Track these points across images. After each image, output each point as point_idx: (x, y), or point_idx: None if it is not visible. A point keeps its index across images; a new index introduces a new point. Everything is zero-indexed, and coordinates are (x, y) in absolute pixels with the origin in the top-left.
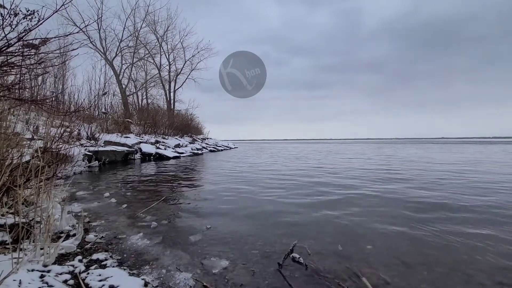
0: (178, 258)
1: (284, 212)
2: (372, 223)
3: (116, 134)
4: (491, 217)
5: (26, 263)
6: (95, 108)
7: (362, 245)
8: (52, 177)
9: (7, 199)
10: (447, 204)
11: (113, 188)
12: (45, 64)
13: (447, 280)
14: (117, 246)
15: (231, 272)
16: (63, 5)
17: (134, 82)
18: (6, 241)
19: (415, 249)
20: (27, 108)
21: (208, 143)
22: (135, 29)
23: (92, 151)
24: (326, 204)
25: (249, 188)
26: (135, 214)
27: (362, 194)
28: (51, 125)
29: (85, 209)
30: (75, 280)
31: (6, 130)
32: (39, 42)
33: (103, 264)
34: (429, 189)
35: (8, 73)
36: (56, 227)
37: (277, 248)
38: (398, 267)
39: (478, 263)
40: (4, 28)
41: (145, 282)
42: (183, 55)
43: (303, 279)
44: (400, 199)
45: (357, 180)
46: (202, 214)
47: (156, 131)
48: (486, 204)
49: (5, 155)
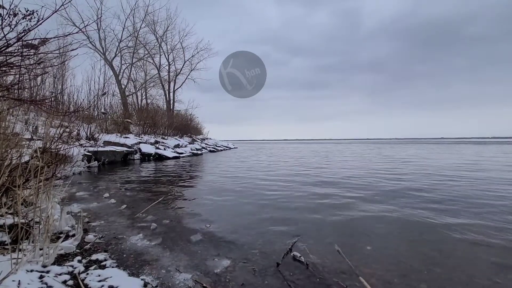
0: (177, 259)
1: (284, 212)
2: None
3: (115, 135)
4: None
5: (25, 264)
6: (95, 108)
7: (361, 245)
8: (52, 178)
9: (6, 200)
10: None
11: (112, 188)
12: (44, 64)
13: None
14: (117, 246)
15: (230, 273)
16: (62, 5)
17: (133, 82)
18: (5, 241)
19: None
20: (26, 108)
21: (208, 143)
22: (134, 29)
23: (92, 152)
24: (326, 204)
25: (248, 188)
26: (135, 214)
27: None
28: (50, 125)
29: (85, 209)
30: (74, 281)
31: (5, 130)
32: (38, 42)
33: (102, 265)
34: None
35: (7, 73)
36: (56, 227)
37: (277, 248)
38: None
39: (479, 263)
40: (3, 28)
41: (144, 283)
42: (182, 55)
43: (303, 279)
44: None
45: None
46: (201, 214)
47: (155, 131)
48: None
49: (4, 155)
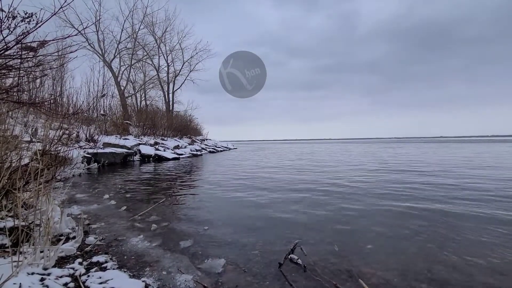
0: (178, 260)
1: (284, 212)
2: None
3: (115, 136)
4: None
5: (26, 266)
6: (94, 110)
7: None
8: (51, 180)
9: (6, 202)
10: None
11: (112, 190)
12: (43, 66)
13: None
14: (117, 248)
15: (231, 273)
16: (61, 8)
17: (132, 83)
18: (6, 244)
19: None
20: (25, 111)
21: (207, 144)
22: (133, 30)
23: (91, 153)
24: (326, 204)
25: (248, 189)
26: (135, 216)
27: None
28: (49, 128)
29: (85, 211)
30: (75, 283)
31: (5, 132)
32: (37, 45)
33: (103, 267)
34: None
35: (6, 76)
36: (56, 230)
37: (277, 249)
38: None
39: (479, 264)
40: (2, 31)
41: (145, 285)
42: (181, 56)
43: (302, 280)
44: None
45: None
46: (202, 215)
47: (155, 133)
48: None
49: (4, 158)
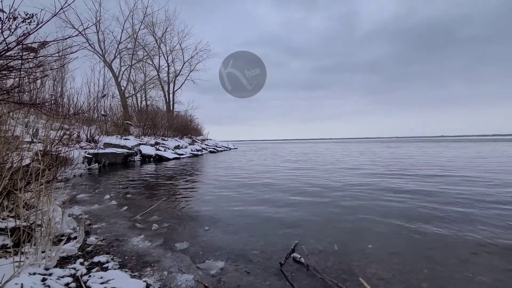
0: (179, 260)
1: (284, 213)
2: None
3: (115, 136)
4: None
5: (27, 267)
6: (95, 111)
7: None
8: (52, 180)
9: (7, 203)
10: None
11: (113, 190)
12: (44, 67)
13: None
14: (118, 248)
15: (232, 273)
16: (61, 9)
17: (133, 84)
18: (7, 244)
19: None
20: (26, 111)
21: (208, 144)
22: (133, 31)
23: (92, 154)
24: (326, 204)
25: (249, 189)
26: (136, 216)
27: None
28: (50, 128)
29: (86, 211)
30: (76, 283)
31: (6, 133)
32: (38, 46)
33: (104, 267)
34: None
35: (7, 77)
36: (57, 230)
37: (278, 248)
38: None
39: (479, 264)
40: (3, 32)
41: (146, 285)
42: (181, 56)
43: (304, 279)
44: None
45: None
46: (202, 215)
47: (155, 133)
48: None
49: (5, 158)
